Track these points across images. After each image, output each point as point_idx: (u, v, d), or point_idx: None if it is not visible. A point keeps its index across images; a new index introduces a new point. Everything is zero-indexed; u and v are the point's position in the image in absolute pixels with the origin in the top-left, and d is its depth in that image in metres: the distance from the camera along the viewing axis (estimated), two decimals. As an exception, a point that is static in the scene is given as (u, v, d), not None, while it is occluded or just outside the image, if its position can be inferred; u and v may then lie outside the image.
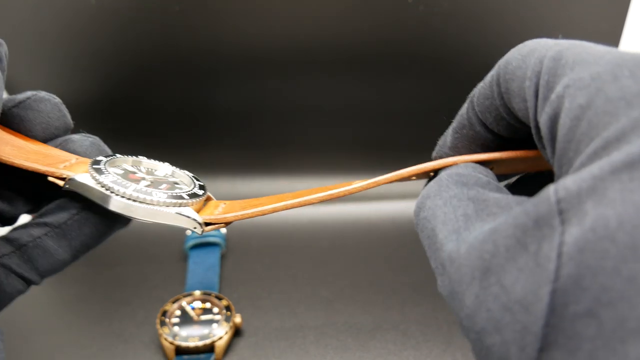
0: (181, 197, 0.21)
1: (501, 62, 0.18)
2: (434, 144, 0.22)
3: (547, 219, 0.13)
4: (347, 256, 0.53)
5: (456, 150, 0.20)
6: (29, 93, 0.23)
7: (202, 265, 0.50)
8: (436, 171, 0.20)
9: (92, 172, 0.21)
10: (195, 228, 0.21)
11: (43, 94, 0.23)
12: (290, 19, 0.51)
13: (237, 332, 0.44)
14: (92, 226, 0.22)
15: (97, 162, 0.22)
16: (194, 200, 0.22)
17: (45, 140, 0.23)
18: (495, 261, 0.14)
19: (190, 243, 0.52)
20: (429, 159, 0.21)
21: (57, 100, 0.23)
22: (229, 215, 0.21)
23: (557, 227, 0.13)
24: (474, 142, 0.20)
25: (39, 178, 0.22)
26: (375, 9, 0.51)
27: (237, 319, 0.43)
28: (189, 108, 0.56)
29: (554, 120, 0.15)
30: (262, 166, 0.60)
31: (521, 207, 0.14)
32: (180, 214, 0.21)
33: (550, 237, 0.13)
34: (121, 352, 0.42)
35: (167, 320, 0.43)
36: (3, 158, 0.21)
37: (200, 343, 0.41)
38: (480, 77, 0.19)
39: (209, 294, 0.45)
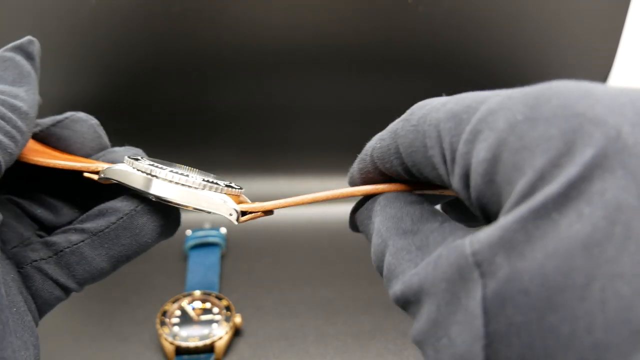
0: (217, 184, 0.21)
1: (394, 137, 0.18)
2: None
3: (467, 272, 0.13)
4: (347, 256, 0.53)
5: (368, 182, 0.21)
6: (68, 113, 0.24)
7: (202, 265, 0.50)
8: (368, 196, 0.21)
9: (128, 161, 0.21)
10: (231, 215, 0.21)
11: (81, 114, 0.24)
12: (289, 19, 0.51)
13: (237, 332, 0.44)
14: (130, 236, 0.21)
15: (132, 157, 0.22)
16: (229, 189, 0.21)
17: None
18: (440, 315, 0.14)
19: (190, 243, 0.52)
20: None
21: (95, 121, 0.24)
22: (267, 204, 0.21)
23: (477, 280, 0.13)
24: (381, 182, 0.20)
25: (82, 186, 0.22)
26: (375, 9, 0.51)
27: (237, 319, 0.43)
28: (189, 108, 0.56)
29: (465, 180, 0.15)
30: (262, 166, 0.60)
31: (445, 256, 0.14)
32: (219, 199, 0.21)
33: (474, 289, 0.13)
34: (121, 352, 0.42)
35: (167, 320, 0.43)
36: (39, 161, 0.21)
37: (200, 343, 0.41)
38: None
39: (209, 294, 0.45)
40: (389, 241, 0.18)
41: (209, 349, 0.41)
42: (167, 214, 0.22)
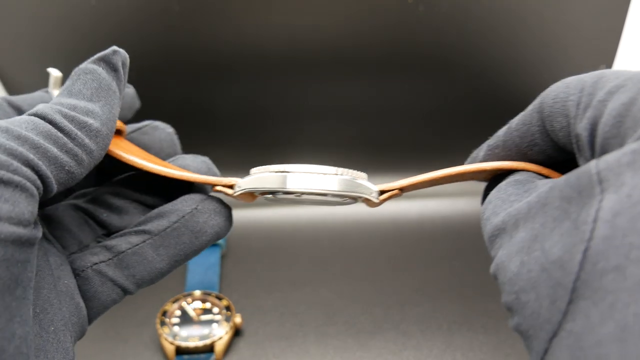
0: (347, 170, 0.21)
1: (544, 93, 0.19)
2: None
3: (588, 189, 0.14)
4: (347, 256, 0.53)
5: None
6: (147, 121, 0.25)
7: (202, 265, 0.50)
8: (497, 175, 0.21)
9: (254, 170, 0.22)
10: (372, 194, 0.21)
11: (158, 123, 0.25)
12: (289, 19, 0.51)
13: (237, 332, 0.44)
14: (191, 235, 0.22)
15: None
16: (356, 173, 0.21)
17: None
18: (542, 231, 0.16)
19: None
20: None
21: (171, 130, 0.26)
22: (403, 181, 0.21)
23: (597, 195, 0.14)
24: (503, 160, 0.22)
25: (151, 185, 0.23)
26: (375, 9, 0.51)
27: (237, 319, 0.43)
28: (190, 108, 0.56)
29: (594, 123, 0.16)
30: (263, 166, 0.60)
31: (564, 180, 0.16)
32: (359, 181, 0.21)
33: (589, 204, 0.14)
34: (121, 352, 0.42)
35: (167, 320, 0.43)
36: (169, 174, 0.22)
37: (200, 343, 0.41)
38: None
39: (209, 294, 0.45)
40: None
41: (209, 349, 0.41)
42: (223, 213, 0.22)
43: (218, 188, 0.22)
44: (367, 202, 0.22)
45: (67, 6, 0.49)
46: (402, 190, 0.22)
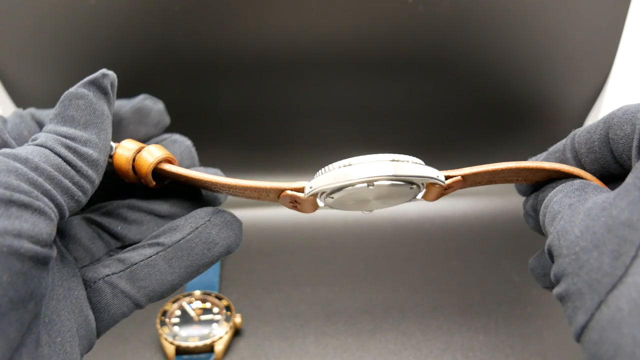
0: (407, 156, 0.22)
1: (612, 111, 0.21)
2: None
3: None
4: (347, 256, 0.53)
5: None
6: (167, 134, 0.26)
7: (202, 265, 0.50)
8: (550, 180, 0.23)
9: (317, 174, 0.22)
10: (438, 177, 0.22)
11: (177, 136, 0.26)
12: (290, 19, 0.51)
13: (237, 332, 0.44)
14: (204, 246, 0.22)
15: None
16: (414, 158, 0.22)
17: None
18: (613, 201, 0.17)
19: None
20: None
21: (189, 143, 0.26)
22: (466, 170, 0.22)
23: None
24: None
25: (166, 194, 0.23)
26: (375, 9, 0.51)
27: (237, 319, 0.43)
28: (190, 108, 0.56)
29: None
30: (264, 166, 0.60)
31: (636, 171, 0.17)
32: (425, 166, 0.21)
33: None
34: (121, 352, 0.42)
35: (167, 320, 0.43)
36: (235, 183, 0.23)
37: (200, 343, 0.41)
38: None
39: (209, 294, 0.45)
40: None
41: (209, 349, 0.41)
42: (235, 226, 0.23)
43: (289, 193, 0.22)
44: (431, 189, 0.22)
45: (66, 6, 0.49)
46: (465, 178, 0.22)
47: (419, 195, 0.23)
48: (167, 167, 0.23)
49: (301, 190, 0.22)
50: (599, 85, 0.55)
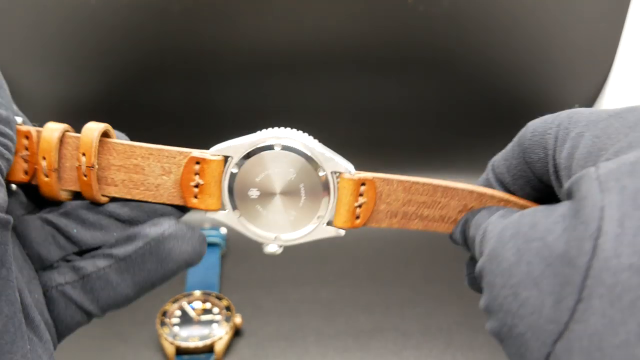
0: None
1: (523, 129, 0.21)
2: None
3: (588, 189, 0.15)
4: (347, 257, 0.53)
5: None
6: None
7: (202, 265, 0.50)
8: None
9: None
10: (346, 166, 0.23)
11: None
12: (290, 19, 0.51)
13: (237, 333, 0.44)
14: (156, 261, 0.21)
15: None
16: None
17: None
18: (541, 218, 0.16)
19: (190, 243, 0.52)
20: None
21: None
22: (380, 175, 0.22)
23: (597, 195, 0.14)
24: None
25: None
26: (375, 10, 0.51)
27: (237, 319, 0.43)
28: (190, 107, 0.56)
29: (571, 152, 0.18)
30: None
31: (567, 184, 0.16)
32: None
33: (592, 201, 0.14)
34: (121, 352, 0.42)
35: (167, 320, 0.43)
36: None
37: (200, 343, 0.41)
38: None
39: (209, 294, 0.45)
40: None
41: (209, 349, 0.41)
42: (193, 240, 0.22)
43: (195, 155, 0.22)
44: (342, 199, 0.22)
45: (67, 6, 0.49)
46: (376, 184, 0.22)
47: (330, 205, 0.22)
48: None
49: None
50: (599, 85, 0.55)
